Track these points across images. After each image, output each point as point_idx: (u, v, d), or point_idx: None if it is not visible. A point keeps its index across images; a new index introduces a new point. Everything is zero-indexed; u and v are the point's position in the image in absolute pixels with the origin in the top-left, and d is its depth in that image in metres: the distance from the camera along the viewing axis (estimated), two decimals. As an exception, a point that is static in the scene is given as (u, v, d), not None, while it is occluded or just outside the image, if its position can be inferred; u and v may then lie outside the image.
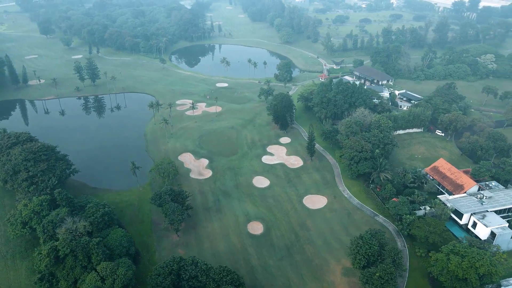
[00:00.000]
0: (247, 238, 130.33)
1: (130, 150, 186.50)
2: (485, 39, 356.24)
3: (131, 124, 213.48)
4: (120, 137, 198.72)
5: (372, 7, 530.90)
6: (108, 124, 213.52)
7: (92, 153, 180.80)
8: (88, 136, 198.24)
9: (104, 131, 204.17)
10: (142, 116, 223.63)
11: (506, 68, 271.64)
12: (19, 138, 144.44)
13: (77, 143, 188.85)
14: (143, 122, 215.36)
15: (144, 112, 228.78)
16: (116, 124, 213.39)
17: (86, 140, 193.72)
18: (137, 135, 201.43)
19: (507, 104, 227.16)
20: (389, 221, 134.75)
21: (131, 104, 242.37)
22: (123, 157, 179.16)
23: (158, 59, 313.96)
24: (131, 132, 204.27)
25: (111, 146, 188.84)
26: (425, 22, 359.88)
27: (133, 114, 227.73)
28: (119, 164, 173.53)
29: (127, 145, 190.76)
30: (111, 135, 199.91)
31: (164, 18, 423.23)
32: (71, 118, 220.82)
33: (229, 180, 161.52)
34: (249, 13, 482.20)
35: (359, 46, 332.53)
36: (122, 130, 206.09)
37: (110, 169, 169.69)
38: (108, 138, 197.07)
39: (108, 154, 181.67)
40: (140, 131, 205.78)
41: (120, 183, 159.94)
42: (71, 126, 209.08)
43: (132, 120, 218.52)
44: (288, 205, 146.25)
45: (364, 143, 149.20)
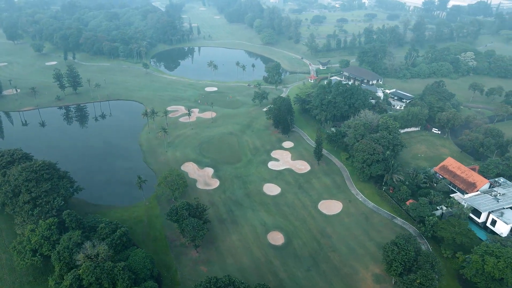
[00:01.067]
0: (269, 249, 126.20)
1: (127, 162, 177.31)
2: (459, 37, 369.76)
3: (122, 134, 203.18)
4: (114, 148, 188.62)
5: (346, 7, 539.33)
6: (97, 135, 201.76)
7: (87, 167, 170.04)
8: (77, 149, 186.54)
9: (94, 143, 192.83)
10: (133, 125, 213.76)
11: (485, 65, 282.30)
12: (14, 155, 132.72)
13: (67, 157, 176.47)
14: (136, 131, 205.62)
15: (135, 120, 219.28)
16: (107, 135, 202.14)
17: (77, 153, 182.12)
18: (132, 146, 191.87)
19: (492, 100, 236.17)
20: (407, 223, 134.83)
21: (119, 113, 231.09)
22: (121, 169, 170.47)
23: (141, 64, 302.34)
24: (125, 143, 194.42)
25: (105, 159, 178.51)
26: (404, 22, 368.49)
27: (122, 123, 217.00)
28: (118, 177, 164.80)
29: (122, 157, 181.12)
30: (103, 147, 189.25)
31: (140, 21, 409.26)
32: (55, 130, 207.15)
33: (239, 189, 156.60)
34: (225, 14, 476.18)
35: (342, 46, 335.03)
36: (114, 141, 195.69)
37: (109, 184, 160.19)
38: (100, 150, 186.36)
39: (104, 167, 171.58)
40: (133, 141, 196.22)
41: (124, 198, 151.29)
42: (57, 139, 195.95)
43: (123, 130, 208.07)
44: (304, 212, 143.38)
45: (375, 146, 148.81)
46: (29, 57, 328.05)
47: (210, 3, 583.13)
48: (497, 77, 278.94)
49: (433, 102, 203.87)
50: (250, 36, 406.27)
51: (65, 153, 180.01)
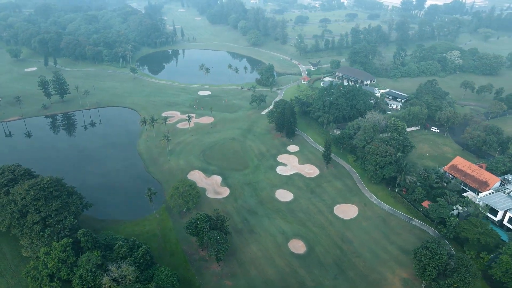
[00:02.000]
0: (292, 258, 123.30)
1: (129, 172, 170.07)
2: (440, 36, 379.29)
3: (119, 143, 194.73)
4: (112, 158, 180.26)
5: (325, 7, 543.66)
6: (92, 145, 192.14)
7: (86, 180, 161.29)
8: (72, 161, 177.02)
9: (90, 154, 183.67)
10: (128, 133, 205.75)
11: (470, 63, 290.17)
12: (15, 172, 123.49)
13: (63, 170, 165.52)
14: (132, 140, 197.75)
15: (129, 128, 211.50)
16: (102, 144, 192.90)
17: (72, 165, 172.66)
18: (131, 155, 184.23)
19: (483, 98, 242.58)
20: (426, 224, 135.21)
21: (111, 120, 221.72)
22: (124, 181, 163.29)
23: (128, 69, 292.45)
24: (123, 152, 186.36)
25: (104, 170, 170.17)
26: (388, 22, 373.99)
27: (117, 131, 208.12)
28: (122, 189, 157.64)
29: (123, 168, 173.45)
30: (100, 158, 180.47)
31: (120, 23, 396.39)
32: (45, 141, 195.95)
33: (250, 196, 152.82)
34: (207, 16, 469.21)
35: (330, 46, 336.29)
36: (111, 151, 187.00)
37: (114, 197, 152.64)
38: (97, 161, 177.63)
39: (105, 180, 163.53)
40: (132, 149, 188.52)
41: (132, 212, 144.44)
42: (48, 151, 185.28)
43: (119, 138, 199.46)
44: (321, 217, 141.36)
45: (387, 147, 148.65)
46: (6, 63, 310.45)
47: (189, 4, 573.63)
48: (481, 75, 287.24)
49: (430, 101, 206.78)
50: (235, 37, 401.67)
51: (59, 166, 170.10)
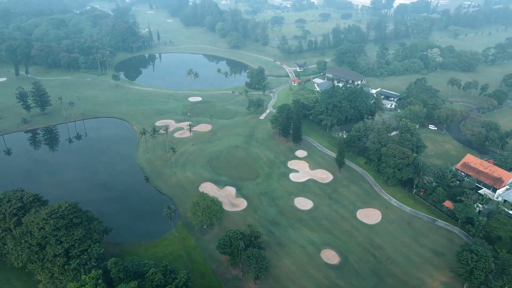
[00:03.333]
0: (327, 269, 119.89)
1: (133, 188, 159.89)
2: (413, 34, 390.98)
3: (116, 157, 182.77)
4: (111, 174, 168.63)
5: (297, 7, 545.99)
6: (86, 161, 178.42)
7: (89, 200, 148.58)
8: (68, 179, 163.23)
9: (86, 170, 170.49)
10: (123, 145, 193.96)
11: (450, 60, 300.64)
12: (23, 199, 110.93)
13: (60, 190, 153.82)
14: (129, 152, 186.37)
15: (123, 139, 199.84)
16: (97, 159, 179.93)
17: (69, 184, 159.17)
18: (132, 169, 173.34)
19: (468, 94, 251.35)
20: (450, 224, 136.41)
21: (101, 132, 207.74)
22: (130, 198, 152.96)
23: (108, 76, 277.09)
24: (122, 167, 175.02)
25: (106, 188, 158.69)
26: (367, 21, 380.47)
27: (110, 144, 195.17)
28: (130, 207, 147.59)
29: (126, 183, 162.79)
30: (99, 174, 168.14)
31: (90, 27, 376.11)
32: (32, 159, 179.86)
33: (269, 206, 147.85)
34: (180, 18, 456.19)
35: (313, 47, 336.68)
36: (109, 166, 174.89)
37: (122, 216, 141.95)
38: (96, 178, 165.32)
39: (109, 198, 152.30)
40: (131, 163, 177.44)
41: (147, 232, 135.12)
42: (38, 170, 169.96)
43: (114, 152, 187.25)
44: (346, 224, 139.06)
45: (405, 149, 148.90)
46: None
47: (158, 6, 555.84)
48: (461, 71, 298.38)
49: (426, 100, 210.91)
50: (213, 40, 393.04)
51: (54, 186, 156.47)
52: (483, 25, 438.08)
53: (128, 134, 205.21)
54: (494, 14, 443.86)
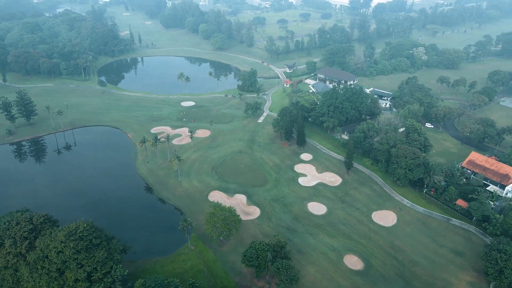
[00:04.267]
0: (353, 276, 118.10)
1: (138, 201, 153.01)
2: (395, 33, 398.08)
3: (114, 168, 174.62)
4: (113, 187, 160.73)
5: (276, 7, 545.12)
6: (82, 173, 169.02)
7: (92, 214, 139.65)
8: (66, 193, 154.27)
9: (84, 182, 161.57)
10: (120, 155, 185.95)
11: (434, 58, 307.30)
12: (32, 220, 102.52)
13: (59, 205, 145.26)
14: (128, 162, 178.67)
15: (119, 149, 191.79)
16: (95, 171, 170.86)
17: (68, 199, 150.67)
18: (133, 180, 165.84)
19: (457, 91, 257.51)
20: (465, 223, 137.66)
21: (94, 142, 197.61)
22: (136, 211, 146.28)
23: (94, 82, 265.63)
24: (123, 178, 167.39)
25: (109, 201, 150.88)
26: (351, 21, 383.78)
27: (106, 154, 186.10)
28: (137, 221, 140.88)
29: (129, 196, 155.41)
30: (99, 187, 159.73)
31: (67, 31, 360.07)
32: (24, 174, 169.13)
33: (283, 213, 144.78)
34: (160, 19, 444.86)
35: (300, 47, 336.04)
36: (109, 178, 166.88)
37: (131, 231, 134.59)
38: (97, 191, 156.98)
39: (114, 212, 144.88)
40: (132, 174, 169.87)
41: (160, 246, 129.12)
42: (33, 184, 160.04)
43: (112, 163, 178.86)
44: (363, 227, 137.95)
45: (415, 150, 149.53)
46: None
47: (134, 8, 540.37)
48: (445, 69, 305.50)
49: (421, 98, 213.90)
50: (196, 42, 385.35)
51: (52, 202, 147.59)
52: (458, 23, 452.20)
53: (123, 142, 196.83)
54: (468, 12, 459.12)
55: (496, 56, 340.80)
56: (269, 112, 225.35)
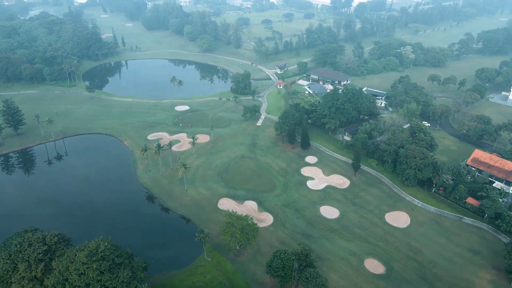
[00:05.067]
0: (377, 280, 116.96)
1: (145, 212, 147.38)
2: (379, 32, 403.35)
3: (114, 178, 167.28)
4: (115, 198, 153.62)
5: (258, 7, 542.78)
6: (81, 184, 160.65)
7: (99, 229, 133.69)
8: (67, 206, 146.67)
9: (85, 195, 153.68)
10: (118, 164, 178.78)
11: (421, 57, 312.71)
12: (46, 240, 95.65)
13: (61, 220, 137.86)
14: (128, 172, 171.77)
15: (115, 158, 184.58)
16: (93, 182, 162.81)
17: (71, 212, 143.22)
18: (136, 190, 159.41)
19: (448, 89, 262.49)
20: (477, 220, 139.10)
21: (89, 151, 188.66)
22: (144, 223, 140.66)
23: (80, 88, 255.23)
24: (125, 189, 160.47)
25: (114, 213, 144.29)
26: (337, 20, 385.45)
27: (103, 164, 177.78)
28: (147, 234, 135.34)
29: (134, 207, 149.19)
30: (100, 198, 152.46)
31: (46, 34, 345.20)
32: (16, 187, 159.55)
33: (296, 219, 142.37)
34: (142, 21, 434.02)
35: (289, 48, 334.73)
36: (110, 189, 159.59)
37: (140, 244, 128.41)
38: (99, 202, 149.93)
39: (120, 224, 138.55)
40: (134, 184, 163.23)
41: (175, 259, 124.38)
42: (29, 199, 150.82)
43: (110, 173, 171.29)
44: (378, 230, 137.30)
45: (423, 150, 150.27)
46: None
47: (112, 9, 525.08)
48: (432, 67, 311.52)
49: (417, 97, 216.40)
50: (182, 44, 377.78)
51: (55, 217, 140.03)
52: (437, 21, 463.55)
53: (120, 151, 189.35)
54: (446, 11, 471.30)
55: (478, 53, 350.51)
56: (267, 114, 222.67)
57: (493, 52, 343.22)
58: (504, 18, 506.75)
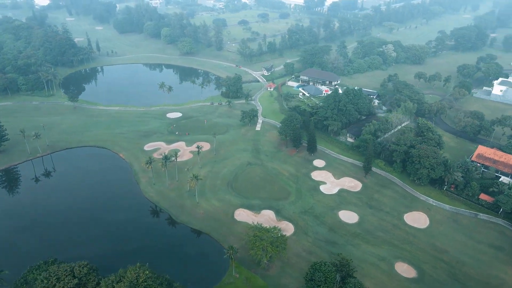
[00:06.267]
0: (411, 284, 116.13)
1: (157, 229, 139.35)
2: (355, 30, 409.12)
3: (117, 194, 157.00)
4: (122, 215, 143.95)
5: (231, 8, 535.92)
6: (81, 203, 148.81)
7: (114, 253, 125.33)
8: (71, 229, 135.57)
9: (88, 215, 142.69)
10: (117, 178, 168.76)
11: (402, 54, 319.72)
12: (74, 272, 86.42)
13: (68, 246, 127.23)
14: (131, 186, 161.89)
15: (113, 172, 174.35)
16: (95, 200, 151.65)
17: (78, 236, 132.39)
18: (143, 205, 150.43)
19: (433, 86, 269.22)
20: (492, 216, 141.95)
21: (83, 166, 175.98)
22: (160, 242, 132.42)
23: (62, 97, 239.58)
24: (130, 204, 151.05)
25: (125, 233, 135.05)
26: (311, 21, 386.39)
27: (99, 178, 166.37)
28: (165, 252, 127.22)
29: (145, 224, 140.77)
30: (106, 217, 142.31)
31: (13, 41, 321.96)
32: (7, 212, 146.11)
33: (317, 226, 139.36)
34: (114, 24, 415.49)
35: (273, 49, 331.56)
36: (113, 206, 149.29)
37: (162, 264, 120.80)
38: (105, 222, 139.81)
39: (136, 244, 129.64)
40: (140, 199, 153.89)
41: (202, 278, 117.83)
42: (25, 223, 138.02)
43: (112, 188, 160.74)
44: (400, 232, 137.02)
45: (435, 149, 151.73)
46: None
47: (78, 12, 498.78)
48: (413, 64, 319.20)
49: (411, 95, 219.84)
50: (160, 47, 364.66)
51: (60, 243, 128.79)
52: (408, 19, 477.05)
53: (116, 164, 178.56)
54: (416, 9, 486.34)
55: (452, 50, 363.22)
56: (264, 118, 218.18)
57: (467, 48, 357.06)
58: (467, 15, 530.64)
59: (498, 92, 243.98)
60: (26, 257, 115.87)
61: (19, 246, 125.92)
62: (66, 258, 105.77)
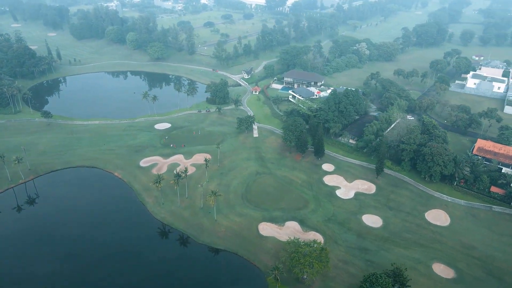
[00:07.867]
0: (453, 285, 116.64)
1: (180, 253, 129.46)
2: (323, 29, 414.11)
3: (122, 217, 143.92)
4: (135, 242, 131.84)
5: (190, 9, 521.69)
6: (87, 232, 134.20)
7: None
8: (83, 264, 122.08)
9: (100, 243, 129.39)
10: (118, 201, 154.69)
11: (375, 52, 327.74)
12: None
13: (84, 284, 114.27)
14: (135, 207, 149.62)
15: (111, 193, 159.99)
16: (100, 227, 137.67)
17: (97, 269, 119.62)
18: (155, 228, 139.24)
19: (411, 82, 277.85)
20: (506, 208, 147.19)
21: (75, 190, 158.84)
22: (187, 266, 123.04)
23: (32, 114, 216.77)
24: (140, 228, 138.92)
25: (147, 263, 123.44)
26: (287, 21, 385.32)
27: (97, 202, 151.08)
28: (198, 279, 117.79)
29: (165, 251, 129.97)
30: (121, 246, 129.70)
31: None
32: (7, 249, 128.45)
33: (344, 233, 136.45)
34: (71, 30, 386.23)
35: (248, 51, 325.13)
36: (123, 233, 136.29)
37: None
38: (122, 252, 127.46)
39: (165, 277, 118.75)
40: (152, 222, 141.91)
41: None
42: (29, 262, 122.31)
43: (114, 212, 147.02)
44: (426, 231, 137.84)
45: (446, 146, 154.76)
46: None
47: (25, 18, 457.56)
48: (385, 61, 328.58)
49: (399, 93, 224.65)
50: (125, 53, 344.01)
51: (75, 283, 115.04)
52: (368, 17, 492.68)
53: (113, 184, 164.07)
54: (374, 7, 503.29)
55: (416, 46, 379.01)
56: (258, 124, 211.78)
57: (429, 44, 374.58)
58: (419, 12, 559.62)
59: (472, 85, 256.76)
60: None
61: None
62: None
